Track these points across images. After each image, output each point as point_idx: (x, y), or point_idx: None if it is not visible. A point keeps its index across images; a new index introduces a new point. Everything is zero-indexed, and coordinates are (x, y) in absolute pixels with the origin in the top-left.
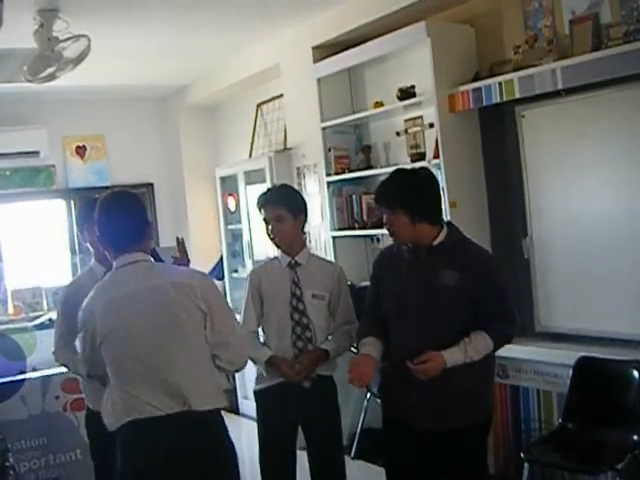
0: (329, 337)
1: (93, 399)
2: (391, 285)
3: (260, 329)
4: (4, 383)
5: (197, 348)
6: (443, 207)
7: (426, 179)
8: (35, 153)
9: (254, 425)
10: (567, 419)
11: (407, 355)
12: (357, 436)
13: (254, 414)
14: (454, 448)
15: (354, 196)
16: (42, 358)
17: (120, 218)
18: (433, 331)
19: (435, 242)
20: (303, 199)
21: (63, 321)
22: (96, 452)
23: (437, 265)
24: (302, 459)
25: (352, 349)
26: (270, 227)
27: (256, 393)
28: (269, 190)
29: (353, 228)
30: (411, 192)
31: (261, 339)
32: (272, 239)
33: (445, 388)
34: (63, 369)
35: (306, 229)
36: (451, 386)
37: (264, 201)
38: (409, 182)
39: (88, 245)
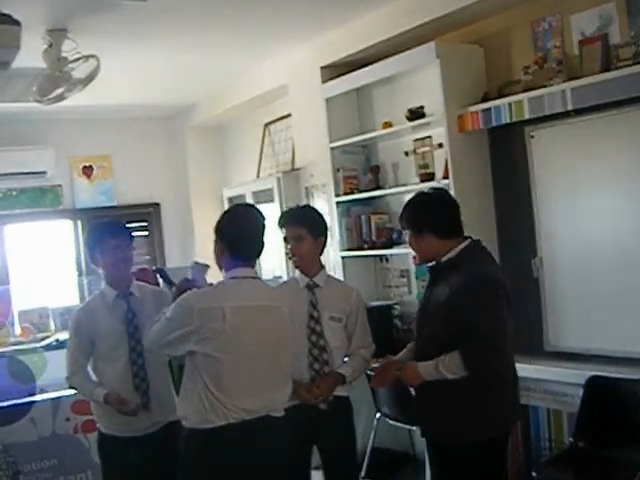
0: (345, 359)
1: (106, 423)
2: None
3: None
4: (14, 405)
5: (288, 367)
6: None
7: (447, 199)
8: (42, 173)
9: None
10: (578, 438)
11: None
12: (367, 455)
13: None
14: (456, 463)
15: (363, 216)
16: (51, 379)
17: (255, 229)
18: (426, 346)
19: (444, 258)
20: (324, 221)
21: (77, 345)
22: (109, 476)
23: (438, 281)
24: (315, 478)
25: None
26: (290, 246)
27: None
28: (291, 209)
29: (362, 248)
30: (434, 213)
31: None
32: (290, 258)
33: (441, 402)
34: (73, 390)
35: None
36: (447, 400)
37: (286, 220)
38: (430, 204)
39: (99, 269)
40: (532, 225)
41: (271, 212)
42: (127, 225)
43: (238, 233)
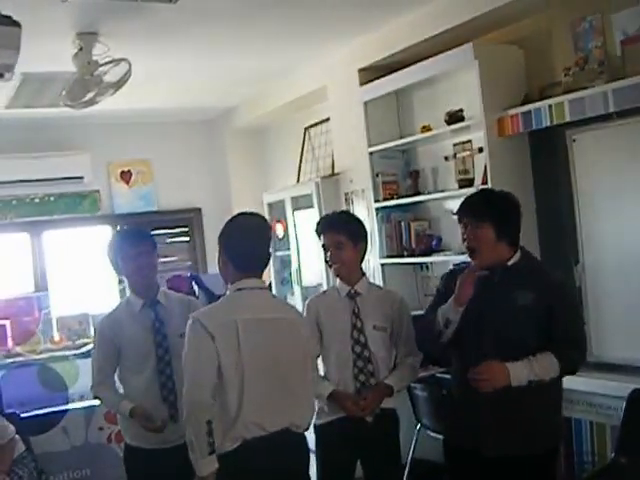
0: (391, 369)
1: (132, 434)
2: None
3: (319, 361)
4: (45, 414)
5: (310, 380)
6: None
7: (512, 198)
8: (79, 178)
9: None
10: (620, 453)
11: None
12: (407, 467)
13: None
14: (521, 476)
15: (402, 223)
16: (86, 387)
17: (258, 239)
18: (508, 350)
19: (510, 262)
20: (364, 227)
21: (101, 355)
22: None
23: (512, 285)
24: None
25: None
26: (329, 254)
27: (317, 427)
28: (328, 215)
29: (402, 256)
30: (499, 207)
31: (320, 372)
32: (330, 266)
33: (516, 410)
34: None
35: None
36: (522, 408)
37: (324, 227)
38: (497, 198)
39: (123, 277)
40: (574, 231)
41: (310, 218)
42: (150, 232)
43: (242, 244)
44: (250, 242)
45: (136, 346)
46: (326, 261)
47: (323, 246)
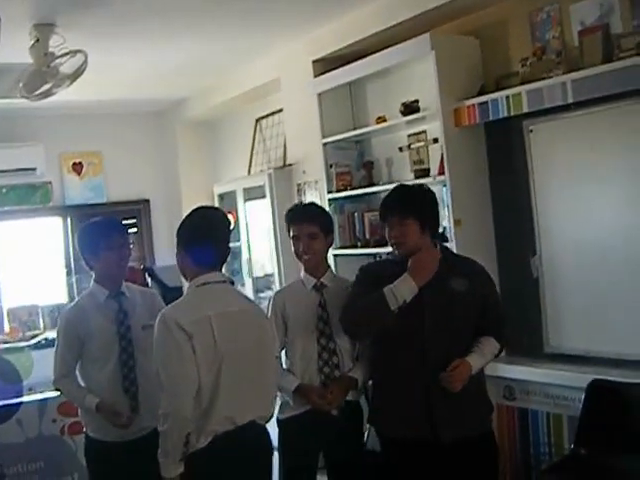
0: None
1: (93, 427)
2: None
3: (282, 354)
4: (0, 406)
5: (274, 372)
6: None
7: (431, 193)
8: (32, 170)
9: None
10: (580, 445)
11: (433, 369)
12: None
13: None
14: (475, 457)
15: (356, 214)
16: (39, 378)
17: (218, 233)
18: (456, 341)
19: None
20: (332, 219)
21: (66, 346)
22: None
23: (445, 274)
24: None
25: None
26: (301, 244)
27: (280, 421)
28: (298, 206)
29: (355, 247)
30: (422, 202)
31: (283, 365)
32: (300, 257)
33: (463, 396)
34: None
35: None
36: (468, 393)
37: (297, 217)
38: (418, 193)
39: (92, 269)
40: (531, 223)
41: (262, 209)
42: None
43: (201, 238)
44: (210, 236)
45: (100, 337)
46: (296, 252)
47: (293, 237)
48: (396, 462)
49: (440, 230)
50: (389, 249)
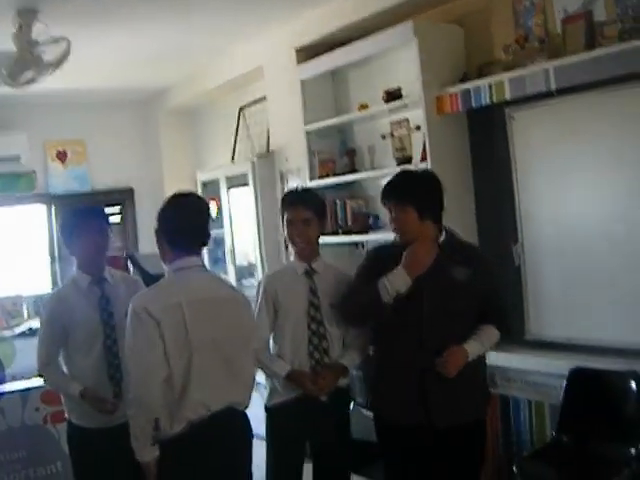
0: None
1: (77, 415)
2: None
3: (271, 339)
4: None
5: (252, 358)
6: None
7: (432, 177)
8: (15, 158)
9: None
10: (561, 432)
11: (430, 355)
12: None
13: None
14: (466, 443)
15: (338, 201)
16: (22, 367)
17: (196, 217)
18: (454, 328)
19: (440, 240)
20: (324, 204)
21: (49, 334)
22: (82, 470)
23: (446, 262)
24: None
25: None
26: (295, 229)
27: (269, 408)
28: (293, 191)
29: (337, 234)
30: (420, 188)
31: (271, 349)
32: (293, 242)
33: (459, 382)
34: (42, 381)
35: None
36: (464, 379)
37: (293, 201)
38: (417, 179)
39: (73, 255)
40: (513, 210)
41: (245, 196)
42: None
43: (180, 223)
44: (187, 220)
45: (84, 324)
46: (289, 236)
47: (287, 221)
48: (391, 447)
49: None
50: (372, 237)
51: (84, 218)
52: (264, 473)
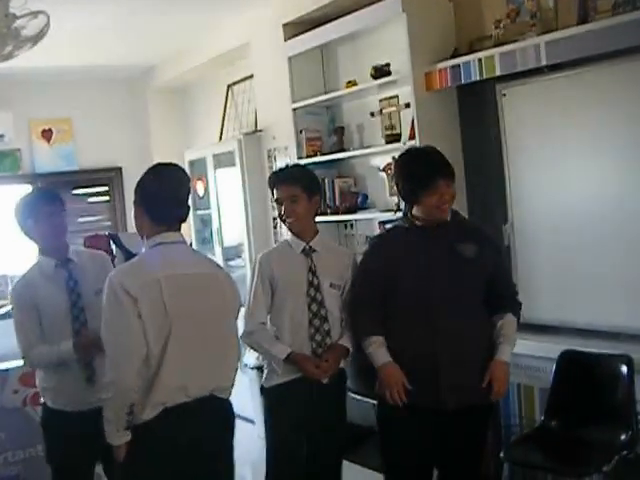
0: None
1: (52, 397)
2: (407, 267)
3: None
4: None
5: (234, 339)
6: None
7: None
8: (0, 136)
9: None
10: (550, 417)
11: (442, 335)
12: None
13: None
14: (471, 427)
15: (327, 180)
16: (2, 348)
17: (176, 189)
18: (464, 306)
19: (449, 217)
20: (318, 180)
21: (25, 319)
22: (55, 454)
23: (455, 240)
24: None
25: None
26: (283, 207)
27: (267, 390)
28: (282, 169)
29: (325, 214)
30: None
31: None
32: (284, 220)
33: (471, 365)
34: (21, 362)
35: (276, 215)
36: (475, 362)
37: (278, 179)
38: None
39: (33, 240)
40: (503, 190)
41: (233, 177)
42: (57, 192)
43: (160, 195)
44: (168, 192)
45: (54, 308)
46: (280, 216)
47: (277, 200)
48: (393, 433)
49: None
50: (360, 216)
51: (40, 202)
52: (255, 456)
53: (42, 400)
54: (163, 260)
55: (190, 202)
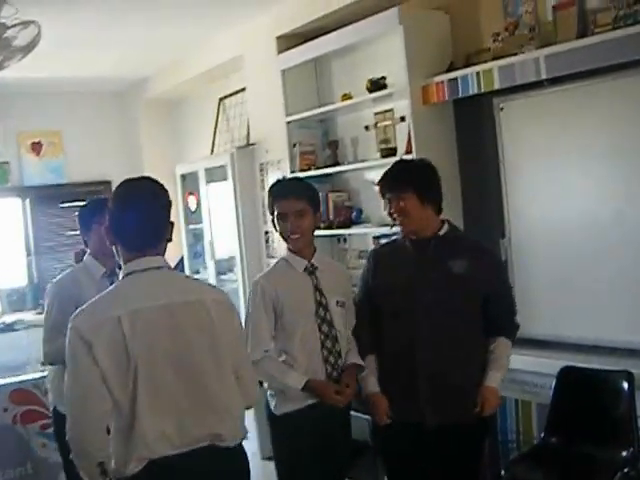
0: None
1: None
2: (393, 280)
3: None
4: None
5: (230, 377)
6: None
7: (430, 165)
8: None
9: None
10: (550, 433)
11: (422, 352)
12: None
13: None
14: (459, 445)
15: (320, 194)
16: None
17: (147, 208)
18: (451, 324)
19: (441, 232)
20: (318, 194)
21: (58, 313)
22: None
23: (446, 255)
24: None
25: None
26: (288, 223)
27: (278, 417)
28: (282, 181)
29: (319, 228)
30: (420, 174)
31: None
32: (287, 237)
33: (452, 382)
34: (12, 379)
35: (269, 229)
36: (457, 380)
37: (283, 192)
38: (416, 166)
39: (88, 242)
40: (500, 204)
41: (225, 191)
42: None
43: (126, 216)
44: (136, 213)
45: None
46: (282, 233)
47: (279, 215)
48: (386, 447)
49: None
50: (355, 230)
51: (99, 208)
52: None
53: (54, 405)
54: (130, 293)
55: (181, 216)
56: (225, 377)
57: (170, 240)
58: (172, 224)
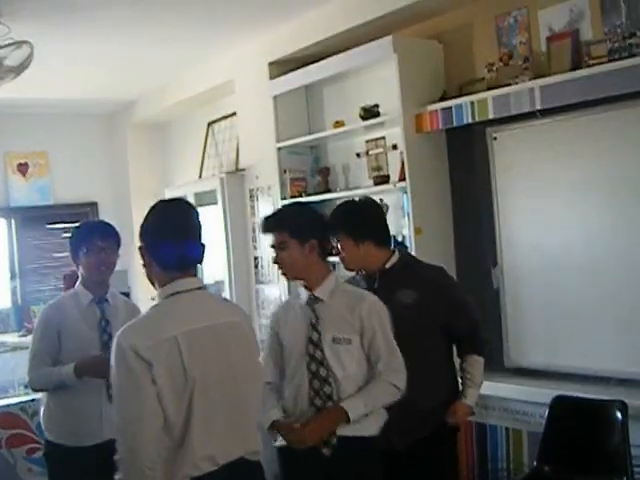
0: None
1: (57, 432)
2: None
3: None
4: None
5: (260, 401)
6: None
7: (364, 204)
8: None
9: None
10: (543, 462)
11: None
12: None
13: None
14: (427, 456)
15: None
16: None
17: (183, 228)
18: (405, 353)
19: (387, 265)
20: (314, 219)
21: (43, 346)
22: None
23: (395, 287)
24: None
25: None
26: (275, 255)
27: (278, 450)
28: (274, 211)
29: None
30: (349, 215)
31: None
32: (280, 269)
33: (419, 407)
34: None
35: (259, 255)
36: (424, 405)
37: (265, 226)
38: (346, 207)
39: (78, 270)
40: (493, 232)
41: (214, 215)
42: (116, 230)
43: (165, 239)
44: (171, 232)
45: (81, 342)
46: (275, 263)
47: (271, 246)
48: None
49: (399, 239)
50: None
51: (95, 234)
52: None
53: (46, 436)
54: (179, 313)
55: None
56: (258, 394)
57: (200, 262)
58: (204, 246)
